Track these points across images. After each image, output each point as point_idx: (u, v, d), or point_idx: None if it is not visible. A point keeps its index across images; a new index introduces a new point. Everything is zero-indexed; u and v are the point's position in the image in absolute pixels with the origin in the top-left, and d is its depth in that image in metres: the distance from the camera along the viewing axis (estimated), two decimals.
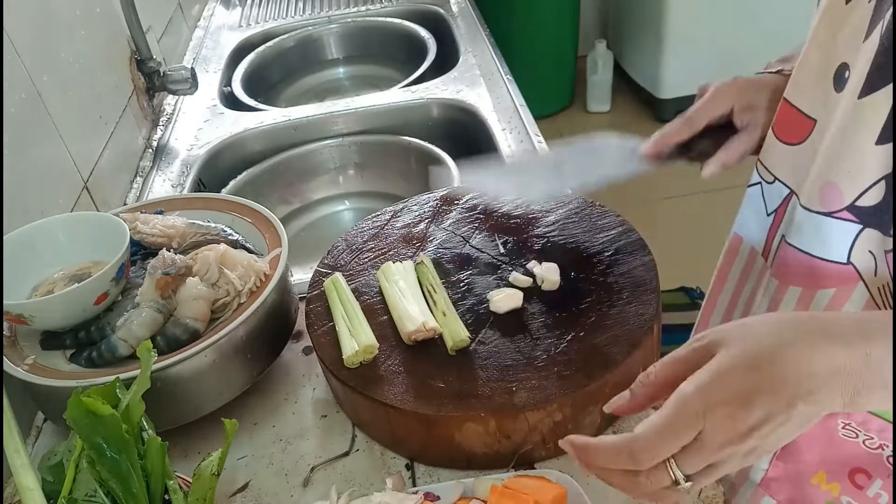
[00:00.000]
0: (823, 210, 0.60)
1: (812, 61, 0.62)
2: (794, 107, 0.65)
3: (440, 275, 0.76)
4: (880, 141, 0.54)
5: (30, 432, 0.78)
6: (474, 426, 0.63)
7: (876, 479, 0.65)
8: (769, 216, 0.70)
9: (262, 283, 0.75)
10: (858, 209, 0.57)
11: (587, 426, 0.65)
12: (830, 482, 0.68)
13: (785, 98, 0.66)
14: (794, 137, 0.65)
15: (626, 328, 0.67)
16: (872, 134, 0.54)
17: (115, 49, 1.22)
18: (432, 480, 0.66)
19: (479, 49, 1.47)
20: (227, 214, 0.85)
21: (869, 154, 0.55)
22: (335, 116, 1.31)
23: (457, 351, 0.68)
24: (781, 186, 0.67)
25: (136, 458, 0.55)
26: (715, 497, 0.61)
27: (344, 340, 0.69)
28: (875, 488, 0.66)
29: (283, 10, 1.82)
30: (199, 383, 0.69)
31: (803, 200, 0.63)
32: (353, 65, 1.74)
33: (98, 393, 0.56)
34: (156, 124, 1.35)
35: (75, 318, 0.72)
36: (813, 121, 0.63)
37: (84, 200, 0.98)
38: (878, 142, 0.54)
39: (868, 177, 0.55)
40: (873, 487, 0.66)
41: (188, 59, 1.63)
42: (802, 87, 0.64)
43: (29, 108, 0.89)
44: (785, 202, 0.67)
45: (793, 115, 0.65)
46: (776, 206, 0.69)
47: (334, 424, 0.73)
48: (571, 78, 3.11)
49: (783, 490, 0.72)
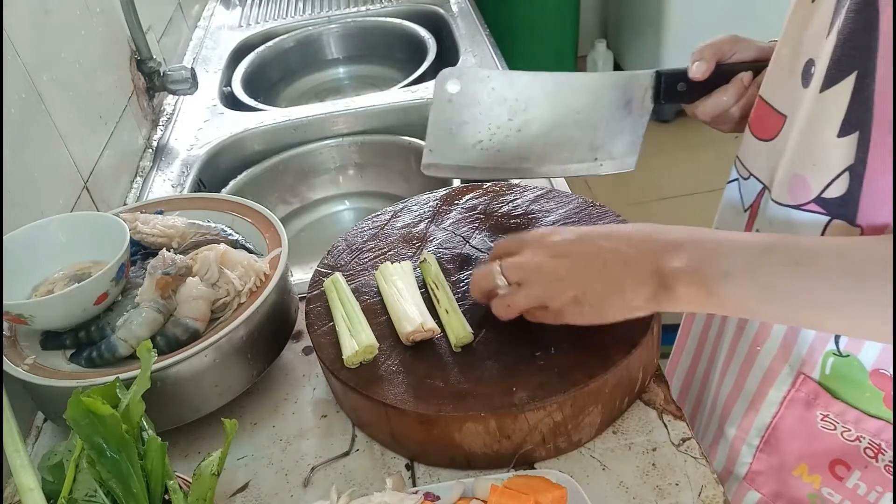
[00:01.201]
0: (792, 203, 0.61)
1: (783, 58, 0.64)
2: (768, 103, 0.66)
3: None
4: (842, 133, 0.55)
5: (30, 432, 0.78)
6: (474, 426, 0.63)
7: (855, 471, 0.66)
8: (745, 212, 0.71)
9: (262, 283, 0.75)
10: (825, 201, 0.58)
11: (587, 426, 0.66)
12: (812, 474, 0.69)
13: (760, 95, 0.68)
14: (767, 134, 0.67)
15: (626, 328, 0.67)
16: (834, 127, 0.56)
17: (115, 49, 1.22)
18: (432, 480, 0.66)
19: (479, 49, 1.47)
20: (227, 214, 0.85)
21: (832, 146, 0.56)
22: (335, 116, 1.31)
23: (457, 350, 0.68)
24: (755, 182, 0.69)
25: (136, 458, 0.55)
26: (715, 497, 0.61)
27: (344, 340, 0.69)
28: (854, 479, 0.67)
29: (283, 10, 1.82)
30: (199, 383, 0.69)
31: (774, 195, 0.64)
32: (353, 65, 1.74)
33: (98, 393, 0.55)
34: (156, 124, 1.35)
35: (75, 318, 0.72)
36: (784, 116, 0.64)
37: (84, 200, 0.98)
38: (840, 134, 0.55)
39: (833, 169, 0.57)
40: (852, 478, 0.67)
41: (188, 59, 1.63)
42: (775, 84, 0.66)
43: (29, 108, 0.89)
44: (759, 197, 0.69)
45: (766, 112, 0.67)
46: (751, 202, 0.70)
47: (334, 424, 0.73)
48: None
49: (767, 483, 0.73)
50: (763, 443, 0.72)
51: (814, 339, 0.65)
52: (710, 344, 0.82)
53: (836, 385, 0.65)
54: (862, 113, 0.53)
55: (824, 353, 0.64)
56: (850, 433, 0.65)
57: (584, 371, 0.64)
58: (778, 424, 0.70)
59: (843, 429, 0.65)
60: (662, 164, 2.77)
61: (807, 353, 0.66)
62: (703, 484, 0.62)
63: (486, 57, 1.43)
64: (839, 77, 0.55)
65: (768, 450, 0.72)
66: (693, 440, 0.66)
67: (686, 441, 0.65)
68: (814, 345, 0.65)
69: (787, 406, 0.69)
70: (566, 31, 2.94)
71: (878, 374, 0.62)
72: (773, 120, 0.65)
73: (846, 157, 0.55)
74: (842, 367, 0.64)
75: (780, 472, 0.72)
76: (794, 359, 0.67)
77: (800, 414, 0.68)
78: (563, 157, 0.76)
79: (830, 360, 0.64)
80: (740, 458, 0.75)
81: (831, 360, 0.64)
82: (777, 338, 0.68)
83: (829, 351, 0.64)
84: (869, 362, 0.62)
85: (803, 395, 0.67)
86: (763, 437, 0.72)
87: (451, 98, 0.67)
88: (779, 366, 0.69)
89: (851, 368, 0.63)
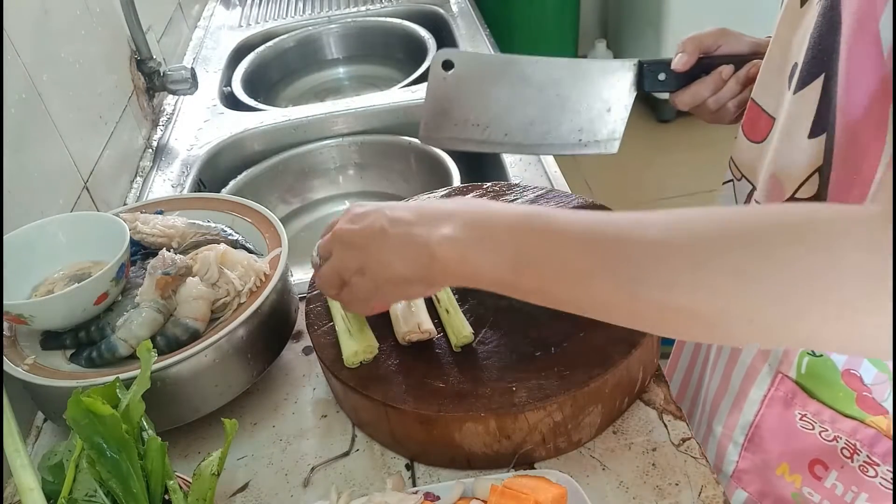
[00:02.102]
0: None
1: (773, 60, 0.65)
2: (759, 105, 0.67)
3: None
4: (812, 134, 0.56)
5: (30, 432, 0.78)
6: (474, 426, 0.63)
7: (832, 471, 0.67)
8: None
9: (262, 283, 0.75)
10: (798, 202, 0.59)
11: (587, 426, 0.66)
12: (793, 474, 0.70)
13: (752, 98, 0.68)
14: (757, 136, 0.68)
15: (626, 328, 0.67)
16: (805, 128, 0.56)
17: (115, 49, 1.22)
18: (432, 480, 0.66)
19: (479, 49, 1.47)
20: (227, 214, 0.85)
21: (803, 148, 0.57)
22: (335, 116, 1.31)
23: (457, 350, 0.68)
24: (746, 183, 0.70)
25: (136, 458, 0.55)
26: (715, 497, 0.61)
27: (344, 340, 0.69)
28: (832, 479, 0.67)
29: (283, 10, 1.82)
30: (199, 383, 0.69)
31: (757, 196, 0.65)
32: (353, 65, 1.74)
33: (98, 393, 0.55)
34: (156, 124, 1.35)
35: (75, 318, 0.72)
36: (773, 119, 0.65)
37: (84, 200, 0.98)
38: (810, 135, 0.56)
39: (804, 170, 0.57)
40: (830, 478, 0.67)
41: (188, 59, 1.63)
42: (765, 86, 0.67)
43: (29, 108, 0.89)
44: (748, 198, 0.70)
45: (757, 114, 0.67)
46: (743, 203, 0.70)
47: (334, 424, 0.73)
48: None
49: (753, 482, 0.74)
50: (747, 441, 0.73)
51: None
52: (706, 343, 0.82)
53: (812, 384, 0.65)
54: (828, 115, 0.54)
55: (799, 353, 0.65)
56: (827, 433, 0.66)
57: (584, 371, 0.64)
58: (760, 423, 0.71)
59: (820, 428, 0.66)
60: (662, 164, 2.77)
61: (783, 352, 0.67)
62: (703, 484, 0.62)
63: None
64: (809, 79, 0.55)
65: (752, 448, 0.73)
66: (693, 440, 0.66)
67: (686, 441, 0.65)
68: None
69: (768, 405, 0.69)
70: (566, 31, 2.94)
71: (849, 374, 0.63)
72: (763, 122, 0.66)
73: (816, 158, 0.56)
74: (816, 366, 0.64)
75: (764, 470, 0.72)
76: (773, 358, 0.68)
77: (779, 413, 0.69)
78: (550, 136, 0.79)
79: (805, 359, 0.65)
80: (727, 457, 0.75)
81: (806, 360, 0.65)
82: None
83: (804, 351, 0.65)
84: (840, 362, 0.63)
85: (782, 393, 0.68)
86: (747, 435, 0.72)
87: (445, 77, 0.71)
88: (759, 364, 0.69)
89: (825, 368, 0.64)
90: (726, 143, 0.71)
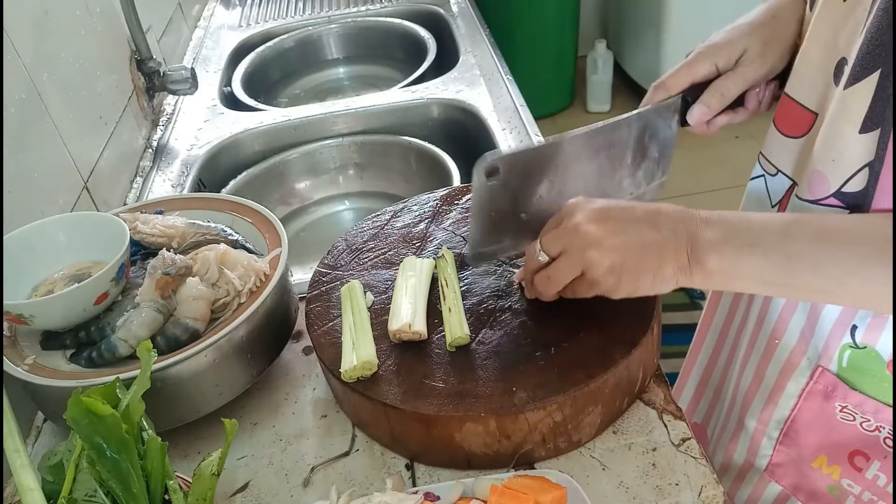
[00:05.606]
0: (811, 198, 0.62)
1: (812, 57, 0.64)
2: (794, 100, 0.66)
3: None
4: (863, 130, 0.56)
5: (30, 432, 0.78)
6: (474, 426, 0.63)
7: (874, 461, 0.67)
8: (773, 208, 0.71)
9: (262, 283, 0.75)
10: (844, 195, 0.59)
11: (587, 426, 0.66)
12: (831, 465, 0.70)
13: (786, 93, 0.68)
14: (795, 130, 0.67)
15: (626, 328, 0.67)
16: (856, 124, 0.56)
17: (115, 49, 1.22)
18: (432, 480, 0.66)
19: (479, 49, 1.47)
20: (227, 214, 0.85)
21: (853, 142, 0.57)
22: (335, 116, 1.31)
23: (457, 350, 0.68)
24: (784, 178, 0.69)
25: (136, 458, 0.55)
26: (715, 497, 0.61)
27: (346, 353, 0.68)
28: (873, 470, 0.67)
29: (283, 10, 1.82)
30: (199, 383, 0.69)
31: (798, 191, 0.65)
32: (353, 65, 1.74)
33: (98, 393, 0.55)
34: (156, 124, 1.35)
35: (75, 318, 0.72)
36: (814, 114, 0.65)
37: (84, 200, 0.98)
38: (862, 130, 0.56)
39: (852, 164, 0.57)
40: (872, 469, 0.67)
41: (188, 59, 1.63)
42: (802, 82, 0.66)
43: (29, 108, 0.89)
44: (787, 194, 0.69)
45: (793, 109, 0.67)
46: (780, 199, 0.70)
47: (334, 424, 0.73)
48: (571, 78, 3.11)
49: (787, 475, 0.74)
50: (782, 435, 0.73)
51: (830, 333, 0.65)
52: (732, 337, 0.83)
53: (854, 376, 0.66)
54: (884, 110, 0.54)
55: (840, 347, 0.65)
56: (869, 423, 0.66)
57: (584, 371, 0.64)
58: (797, 417, 0.71)
59: (862, 419, 0.66)
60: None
61: (823, 346, 0.67)
62: (703, 484, 0.62)
63: (486, 57, 1.43)
64: (863, 75, 0.55)
65: (787, 442, 0.73)
66: (693, 440, 0.66)
67: (686, 441, 0.65)
68: (830, 338, 0.66)
69: (806, 398, 0.70)
70: (566, 31, 2.94)
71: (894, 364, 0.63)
72: (801, 117, 0.66)
73: (867, 153, 0.56)
74: (859, 358, 0.65)
75: (799, 464, 0.73)
76: (812, 352, 0.68)
77: (818, 406, 0.69)
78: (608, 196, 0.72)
79: (847, 352, 0.65)
80: (760, 451, 0.76)
81: (848, 353, 0.65)
82: (795, 332, 0.69)
83: (846, 344, 0.65)
84: (887, 352, 0.63)
85: (821, 387, 0.68)
86: (782, 429, 0.73)
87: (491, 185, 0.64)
88: (797, 359, 0.69)
89: (869, 360, 0.64)
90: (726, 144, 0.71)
